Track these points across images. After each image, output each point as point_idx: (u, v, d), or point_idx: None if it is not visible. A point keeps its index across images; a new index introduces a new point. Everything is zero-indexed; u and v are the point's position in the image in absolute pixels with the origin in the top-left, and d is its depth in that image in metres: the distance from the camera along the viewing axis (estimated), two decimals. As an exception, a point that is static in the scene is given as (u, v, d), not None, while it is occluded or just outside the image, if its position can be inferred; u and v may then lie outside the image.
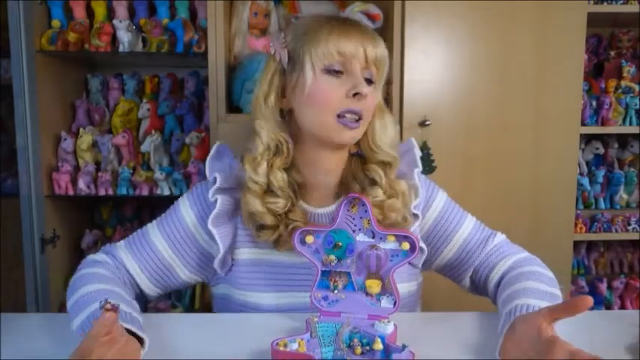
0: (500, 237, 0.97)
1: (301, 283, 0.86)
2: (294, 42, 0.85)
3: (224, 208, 0.88)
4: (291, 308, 0.87)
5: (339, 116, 0.82)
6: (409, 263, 0.93)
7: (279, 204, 0.85)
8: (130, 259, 0.90)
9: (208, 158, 0.93)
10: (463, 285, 0.98)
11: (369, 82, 0.85)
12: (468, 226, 0.96)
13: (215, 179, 0.88)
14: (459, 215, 0.97)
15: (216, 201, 0.87)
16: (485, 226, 0.98)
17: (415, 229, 0.91)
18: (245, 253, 0.90)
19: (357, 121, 0.83)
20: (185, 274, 0.93)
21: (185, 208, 0.92)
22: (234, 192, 0.90)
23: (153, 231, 0.92)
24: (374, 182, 0.88)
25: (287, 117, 0.89)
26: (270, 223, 0.85)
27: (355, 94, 0.81)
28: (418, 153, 0.96)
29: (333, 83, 0.82)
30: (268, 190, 0.85)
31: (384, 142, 0.88)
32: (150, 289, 0.92)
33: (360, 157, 0.92)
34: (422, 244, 0.92)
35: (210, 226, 0.86)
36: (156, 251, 0.90)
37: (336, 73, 0.83)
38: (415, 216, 0.91)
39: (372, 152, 0.89)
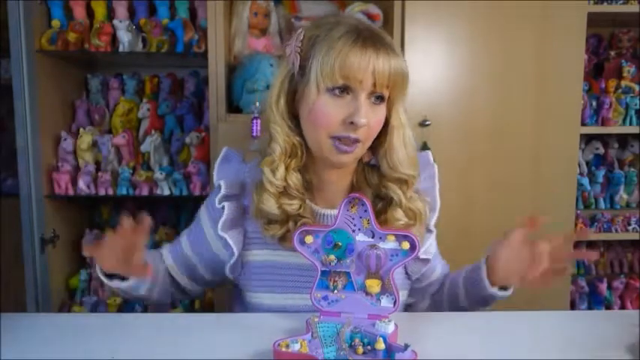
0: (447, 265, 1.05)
1: (311, 285, 0.86)
2: (307, 50, 0.82)
3: (231, 215, 0.90)
4: (302, 310, 0.87)
5: (334, 138, 0.81)
6: (406, 274, 0.95)
7: (294, 205, 0.85)
8: (169, 255, 0.98)
9: (217, 163, 0.95)
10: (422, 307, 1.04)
11: (380, 99, 0.82)
12: (437, 256, 1.02)
13: (220, 187, 0.91)
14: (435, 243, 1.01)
15: (223, 208, 0.90)
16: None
17: (430, 243, 0.95)
18: (255, 255, 0.91)
19: (354, 143, 0.82)
20: (204, 273, 0.98)
21: (204, 218, 0.96)
22: (239, 198, 0.92)
23: (183, 236, 0.99)
24: (391, 201, 0.87)
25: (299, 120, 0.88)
26: (280, 219, 0.86)
27: (352, 123, 0.79)
28: (436, 169, 0.98)
29: (334, 105, 0.80)
30: (284, 192, 0.85)
31: (402, 160, 0.86)
32: (184, 281, 0.98)
33: (374, 166, 0.91)
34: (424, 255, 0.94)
35: (220, 233, 0.89)
36: (183, 253, 0.97)
37: (340, 94, 0.80)
38: (430, 231, 0.94)
39: (390, 170, 0.87)
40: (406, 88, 0.85)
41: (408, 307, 1.02)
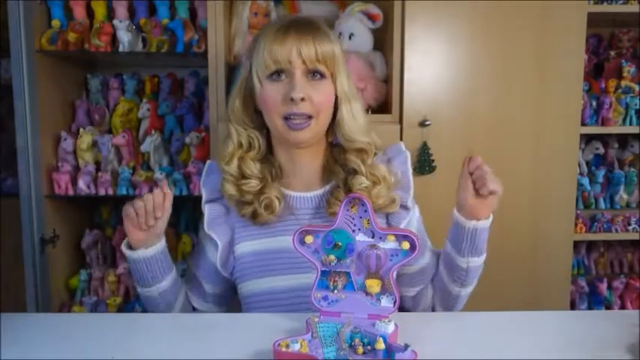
0: None
1: (298, 266, 0.91)
2: (250, 53, 0.95)
3: (214, 214, 0.98)
4: (294, 289, 0.92)
5: (285, 118, 0.90)
6: None
7: (252, 184, 0.94)
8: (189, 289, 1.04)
9: (202, 177, 1.04)
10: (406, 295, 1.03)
11: (320, 75, 0.90)
12: (428, 257, 1.01)
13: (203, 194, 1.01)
14: (424, 240, 1.02)
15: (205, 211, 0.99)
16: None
17: (405, 222, 0.97)
18: (246, 246, 0.97)
19: (303, 117, 0.90)
20: (214, 288, 1.02)
21: (201, 234, 1.03)
22: (221, 200, 1.00)
23: (190, 264, 1.06)
24: (355, 171, 0.94)
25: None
26: (247, 200, 0.95)
27: (291, 99, 0.88)
28: (409, 155, 1.02)
29: (274, 88, 0.90)
30: (240, 177, 0.95)
31: (354, 131, 0.94)
32: (197, 303, 1.04)
33: (338, 144, 0.98)
34: None
35: (207, 231, 0.96)
36: (192, 276, 1.04)
37: (278, 78, 0.90)
38: (407, 209, 0.98)
39: (347, 142, 0.95)
40: (341, 65, 0.93)
41: (409, 301, 1.02)
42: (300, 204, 0.97)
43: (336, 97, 0.94)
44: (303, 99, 0.88)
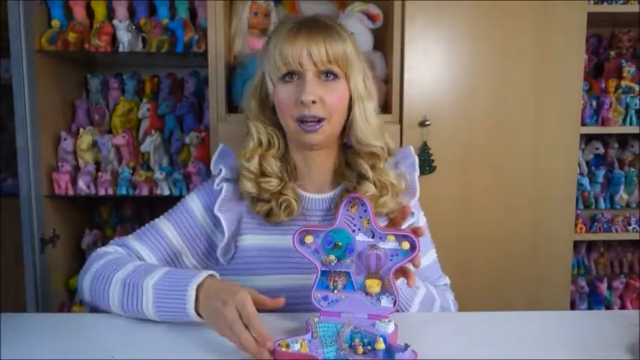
0: (447, 280, 1.04)
1: (305, 266, 0.88)
2: (263, 52, 0.94)
3: (229, 195, 0.95)
4: (296, 289, 0.91)
5: (297, 121, 0.88)
6: None
7: (272, 183, 0.92)
8: (142, 246, 0.94)
9: (213, 158, 1.00)
10: None
11: (333, 75, 0.88)
12: (429, 258, 1.00)
13: (220, 170, 0.96)
14: (427, 244, 1.00)
15: (221, 189, 0.95)
16: (439, 266, 1.03)
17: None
18: (250, 239, 0.95)
19: (317, 122, 0.88)
20: (191, 262, 0.98)
21: (192, 200, 0.99)
22: (237, 183, 0.97)
23: (162, 222, 0.98)
24: (363, 176, 0.93)
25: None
26: (264, 197, 0.93)
27: (302, 102, 0.86)
28: (417, 159, 1.01)
29: (287, 90, 0.89)
30: (261, 174, 0.93)
31: (367, 134, 0.92)
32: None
33: (353, 147, 0.96)
34: None
35: (216, 212, 0.92)
36: (165, 238, 0.96)
37: (291, 79, 0.89)
38: (411, 214, 0.94)
39: (358, 144, 0.93)
40: (355, 65, 0.91)
41: None
42: (311, 205, 0.96)
43: (351, 98, 0.92)
44: (314, 102, 0.86)
